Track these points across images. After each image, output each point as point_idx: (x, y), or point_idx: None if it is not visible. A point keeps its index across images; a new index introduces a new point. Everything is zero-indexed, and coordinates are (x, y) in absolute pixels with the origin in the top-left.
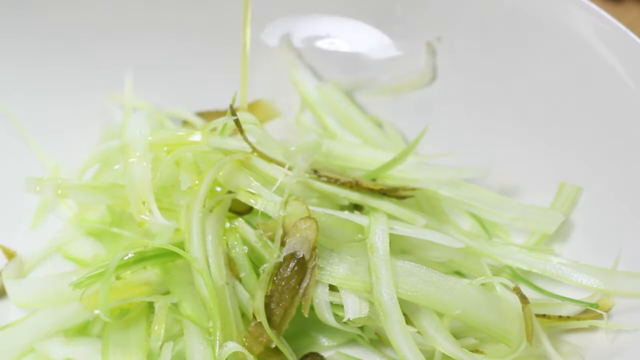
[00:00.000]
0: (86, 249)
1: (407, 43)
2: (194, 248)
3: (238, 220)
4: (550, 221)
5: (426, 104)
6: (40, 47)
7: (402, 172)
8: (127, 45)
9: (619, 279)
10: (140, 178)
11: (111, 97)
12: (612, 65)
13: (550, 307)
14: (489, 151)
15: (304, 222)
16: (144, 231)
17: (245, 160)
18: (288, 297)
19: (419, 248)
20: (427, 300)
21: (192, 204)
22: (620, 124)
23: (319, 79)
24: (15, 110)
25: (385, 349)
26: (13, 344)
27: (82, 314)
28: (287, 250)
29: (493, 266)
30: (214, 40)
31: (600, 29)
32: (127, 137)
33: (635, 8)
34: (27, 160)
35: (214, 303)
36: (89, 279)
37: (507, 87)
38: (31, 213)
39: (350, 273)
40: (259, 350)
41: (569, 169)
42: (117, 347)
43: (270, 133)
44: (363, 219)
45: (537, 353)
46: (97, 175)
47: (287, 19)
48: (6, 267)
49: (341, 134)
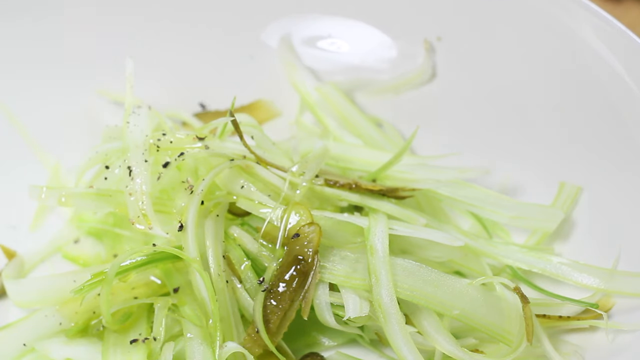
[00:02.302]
0: (86, 249)
1: (407, 43)
2: (190, 249)
3: (233, 228)
4: (551, 219)
5: (426, 104)
6: (41, 46)
7: (402, 172)
8: (127, 46)
9: (619, 279)
10: (139, 187)
11: (112, 96)
12: (612, 65)
13: (550, 307)
14: (489, 151)
15: (307, 226)
16: (145, 232)
17: (246, 168)
18: (288, 300)
19: (419, 248)
20: (427, 300)
21: (189, 206)
22: (621, 124)
23: (318, 79)
24: (15, 110)
25: (385, 349)
26: (13, 344)
27: (82, 314)
28: (289, 254)
29: (493, 266)
30: (213, 40)
31: (600, 29)
32: (128, 139)
33: (635, 8)
34: (27, 160)
35: (213, 304)
36: (90, 286)
37: (507, 87)
38: (31, 213)
39: (350, 271)
40: (258, 352)
41: (569, 169)
42: (117, 347)
43: (271, 133)
44: (363, 220)
45: (537, 353)
46: (97, 177)
47: (287, 19)
48: (6, 267)
49: (341, 134)
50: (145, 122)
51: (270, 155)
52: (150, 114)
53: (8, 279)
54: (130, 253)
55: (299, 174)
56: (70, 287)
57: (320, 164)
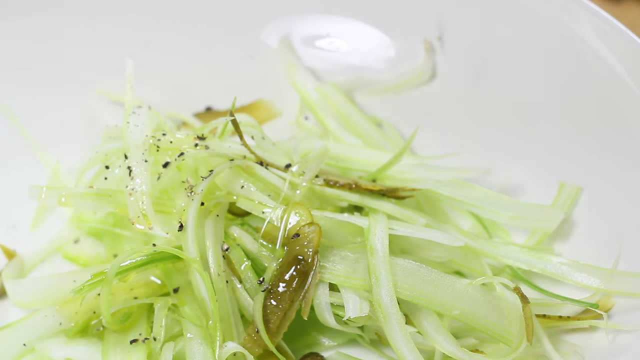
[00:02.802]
0: (86, 249)
1: (407, 43)
2: (190, 249)
3: (233, 228)
4: (551, 219)
5: (426, 104)
6: (41, 46)
7: (403, 172)
8: (127, 46)
9: (619, 279)
10: (140, 187)
11: (112, 96)
12: (612, 65)
13: (550, 307)
14: (489, 151)
15: (308, 226)
16: (145, 232)
17: (246, 168)
18: (288, 300)
19: (419, 248)
20: (427, 300)
21: (189, 206)
22: (621, 124)
23: (318, 79)
24: (15, 110)
25: (385, 349)
26: (13, 344)
27: (82, 314)
28: (289, 254)
29: (493, 266)
30: (213, 40)
31: (600, 29)
32: (128, 139)
33: (635, 8)
34: (27, 160)
35: (213, 304)
36: (90, 286)
37: (507, 87)
38: (31, 213)
39: (350, 271)
40: (258, 352)
41: (569, 169)
42: (117, 347)
43: (271, 133)
44: (363, 220)
45: (537, 353)
46: (97, 177)
47: (287, 19)
48: (6, 267)
49: (341, 134)
50: (145, 122)
51: (270, 156)
52: (150, 114)
53: (8, 279)
54: (130, 253)
55: (299, 174)
56: (70, 287)
57: (320, 164)
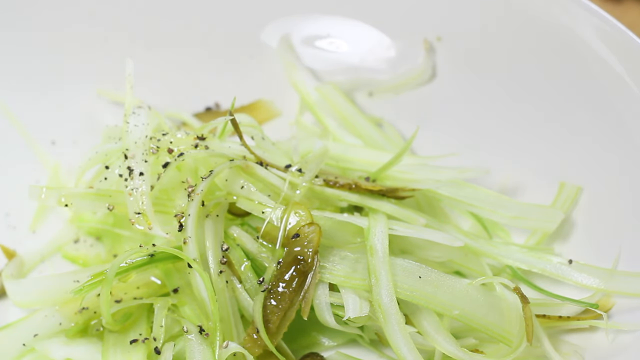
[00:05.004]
0: (86, 249)
1: (407, 43)
2: (190, 250)
3: (233, 228)
4: (551, 219)
5: (426, 104)
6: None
7: (402, 172)
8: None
9: (619, 279)
10: (139, 187)
11: (112, 96)
12: (612, 65)
13: (550, 307)
14: (489, 151)
15: (307, 227)
16: (144, 232)
17: (246, 168)
18: (288, 300)
19: (419, 248)
20: (427, 300)
21: (189, 206)
22: (620, 124)
23: (318, 79)
24: (15, 110)
25: (385, 349)
26: (13, 344)
27: (82, 314)
28: (289, 254)
29: (493, 266)
30: (213, 40)
31: (600, 29)
32: (128, 139)
33: (635, 8)
34: (27, 160)
35: (213, 304)
36: (90, 286)
37: (507, 87)
38: (31, 213)
39: (350, 271)
40: (258, 352)
41: (569, 169)
42: (117, 347)
43: (271, 133)
44: (363, 220)
45: (537, 353)
46: (97, 177)
47: (287, 19)
48: (6, 267)
49: (341, 134)
50: (145, 122)
51: (270, 156)
52: (150, 114)
53: (8, 279)
54: (130, 253)
55: (298, 174)
56: (70, 287)
57: (320, 164)
